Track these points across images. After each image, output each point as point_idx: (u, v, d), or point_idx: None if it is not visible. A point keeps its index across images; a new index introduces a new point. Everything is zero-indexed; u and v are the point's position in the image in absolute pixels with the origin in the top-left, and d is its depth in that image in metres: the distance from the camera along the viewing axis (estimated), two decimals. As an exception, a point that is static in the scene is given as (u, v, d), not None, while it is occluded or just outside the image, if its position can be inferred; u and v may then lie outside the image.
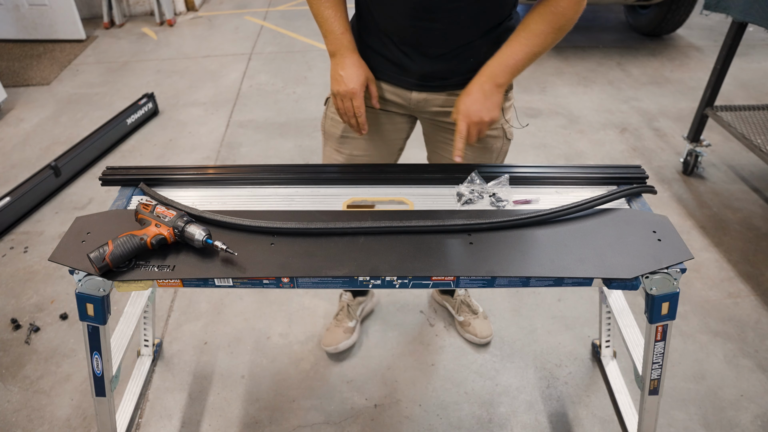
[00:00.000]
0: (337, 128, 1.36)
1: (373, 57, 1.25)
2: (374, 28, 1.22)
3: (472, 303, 1.88)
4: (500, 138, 1.33)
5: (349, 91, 1.19)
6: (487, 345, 1.83)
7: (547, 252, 1.02)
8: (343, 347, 1.78)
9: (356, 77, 1.19)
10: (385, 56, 1.23)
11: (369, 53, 1.25)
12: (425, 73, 1.22)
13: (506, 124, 1.32)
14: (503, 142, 1.35)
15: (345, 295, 1.86)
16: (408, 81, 1.25)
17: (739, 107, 2.55)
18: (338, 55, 1.20)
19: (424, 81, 1.24)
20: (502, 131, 1.32)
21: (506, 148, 1.38)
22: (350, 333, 1.81)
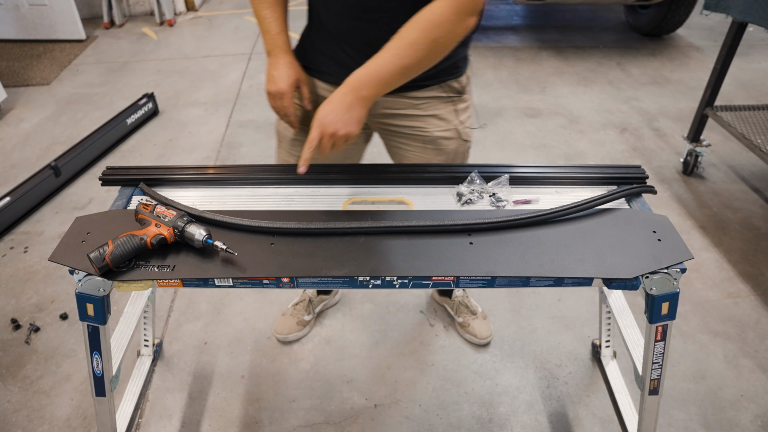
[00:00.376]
0: (289, 131, 1.36)
1: (321, 59, 1.25)
2: (321, 29, 1.22)
3: (470, 304, 1.88)
4: (454, 139, 1.31)
5: (278, 90, 1.19)
6: (487, 345, 1.83)
7: (547, 252, 1.02)
8: (292, 338, 1.83)
9: (286, 77, 1.19)
10: (332, 58, 1.23)
11: (317, 55, 1.25)
12: None
13: (461, 125, 1.31)
14: (458, 144, 1.32)
15: (309, 289, 1.87)
16: None
17: (739, 107, 2.55)
18: (273, 55, 1.21)
19: None
20: (456, 132, 1.31)
21: (463, 149, 1.35)
22: (303, 326, 1.85)
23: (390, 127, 1.32)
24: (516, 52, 4.19)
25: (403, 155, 1.36)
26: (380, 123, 1.33)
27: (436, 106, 1.27)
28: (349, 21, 1.14)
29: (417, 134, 1.29)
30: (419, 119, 1.27)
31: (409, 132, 1.30)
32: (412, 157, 1.35)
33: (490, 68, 3.92)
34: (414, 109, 1.26)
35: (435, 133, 1.29)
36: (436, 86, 1.24)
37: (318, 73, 1.28)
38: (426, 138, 1.29)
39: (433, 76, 1.22)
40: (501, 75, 3.82)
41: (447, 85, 1.25)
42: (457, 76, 1.26)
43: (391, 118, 1.29)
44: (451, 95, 1.27)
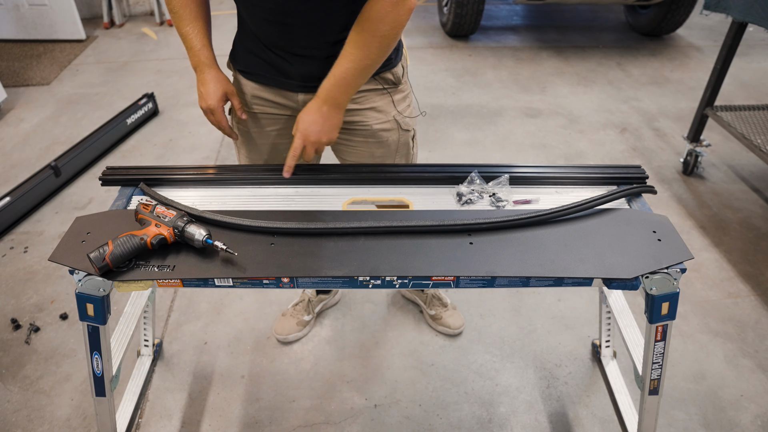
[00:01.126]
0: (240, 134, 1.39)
1: (255, 62, 1.27)
2: (250, 33, 1.23)
3: (442, 296, 1.91)
4: (394, 130, 1.33)
5: (209, 107, 1.22)
6: (459, 335, 1.85)
7: (547, 252, 1.02)
8: (292, 339, 1.84)
9: (214, 93, 1.21)
10: (265, 60, 1.24)
11: (251, 59, 1.27)
12: (305, 75, 1.23)
13: (399, 115, 1.33)
14: (399, 134, 1.35)
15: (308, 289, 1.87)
16: (290, 83, 1.26)
17: (739, 107, 2.55)
18: (198, 71, 1.23)
19: (306, 82, 1.24)
20: (394, 123, 1.33)
21: (405, 139, 1.37)
22: (303, 326, 1.85)
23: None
24: (516, 52, 4.19)
25: (346, 151, 1.38)
26: None
27: (373, 99, 1.29)
28: (272, 25, 1.16)
29: (357, 128, 1.32)
30: (358, 113, 1.29)
31: (349, 127, 1.32)
32: (354, 152, 1.36)
33: (490, 68, 3.93)
34: (352, 104, 1.28)
35: (375, 126, 1.31)
36: (371, 79, 1.26)
37: (253, 76, 1.30)
38: (366, 131, 1.32)
39: None
40: (501, 75, 3.83)
41: (381, 78, 1.28)
42: (390, 67, 1.28)
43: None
44: (386, 87, 1.30)
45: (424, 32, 4.63)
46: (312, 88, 1.24)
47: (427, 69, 3.93)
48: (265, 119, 1.35)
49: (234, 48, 1.33)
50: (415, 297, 1.95)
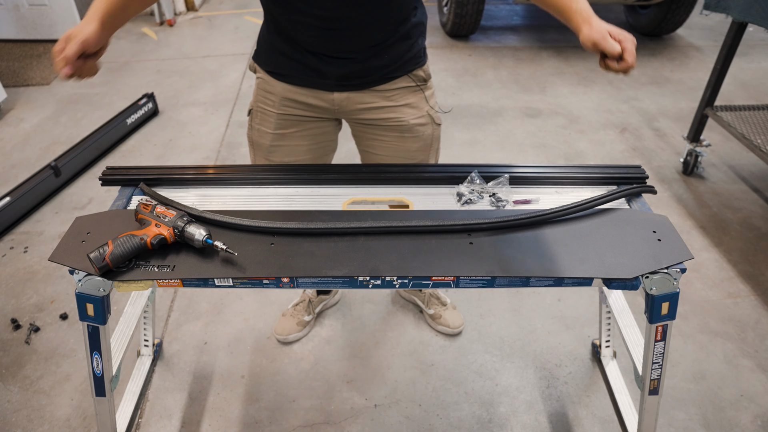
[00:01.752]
0: (265, 138, 1.37)
1: (287, 63, 1.25)
2: (285, 36, 1.21)
3: (440, 295, 1.90)
4: (429, 125, 1.36)
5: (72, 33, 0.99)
6: (459, 335, 1.85)
7: (547, 252, 1.02)
8: (292, 339, 1.84)
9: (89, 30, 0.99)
10: (299, 62, 1.23)
11: (282, 60, 1.25)
12: (343, 75, 1.23)
13: (431, 110, 1.36)
14: (433, 128, 1.38)
15: (309, 289, 1.87)
16: (327, 83, 1.26)
17: (739, 107, 2.55)
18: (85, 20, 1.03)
19: (343, 81, 1.24)
20: (429, 117, 1.36)
21: (437, 133, 1.41)
22: (303, 327, 1.85)
23: (366, 122, 1.34)
24: (516, 52, 4.19)
25: (380, 146, 1.38)
26: (356, 119, 1.35)
27: (407, 96, 1.31)
28: (315, 30, 1.15)
29: (394, 124, 1.32)
30: (394, 110, 1.31)
31: (386, 123, 1.32)
32: (389, 147, 1.37)
33: (490, 68, 3.93)
34: (387, 101, 1.29)
35: (411, 121, 1.33)
36: (404, 77, 1.29)
37: (286, 77, 1.28)
38: (403, 127, 1.33)
39: (401, 68, 1.27)
40: (501, 75, 3.83)
41: (413, 75, 1.30)
42: (421, 65, 1.31)
43: (366, 113, 1.31)
44: (418, 84, 1.32)
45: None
46: (348, 86, 1.26)
47: (427, 69, 3.93)
48: (292, 120, 1.34)
49: (260, 49, 1.31)
50: (413, 297, 1.95)
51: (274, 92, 1.31)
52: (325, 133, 1.40)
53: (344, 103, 1.29)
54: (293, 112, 1.33)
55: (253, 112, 1.39)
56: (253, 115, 1.39)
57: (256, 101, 1.37)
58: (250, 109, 1.40)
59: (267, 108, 1.34)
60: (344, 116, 1.36)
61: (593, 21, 1.09)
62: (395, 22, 1.18)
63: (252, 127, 1.41)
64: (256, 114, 1.38)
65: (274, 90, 1.31)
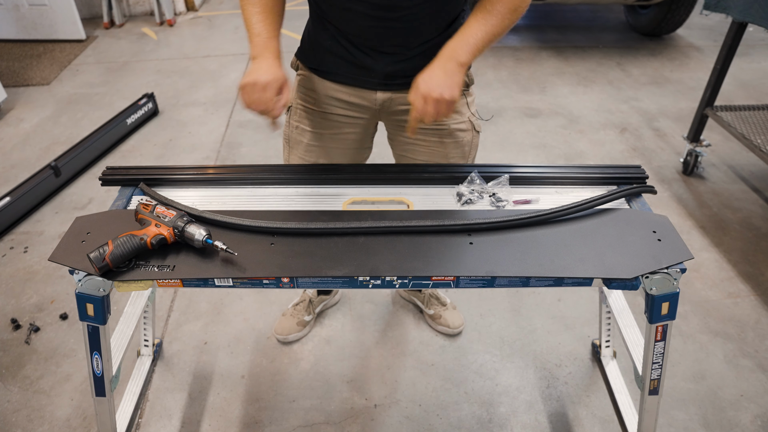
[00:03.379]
0: (304, 136, 1.36)
1: (332, 60, 1.24)
2: (332, 30, 1.19)
3: (440, 295, 1.90)
4: (469, 131, 1.35)
5: (266, 81, 1.08)
6: (459, 335, 1.85)
7: (547, 252, 1.02)
8: (292, 339, 1.84)
9: (274, 73, 1.10)
10: (344, 58, 1.22)
11: (327, 57, 1.24)
12: (389, 73, 1.21)
13: (473, 117, 1.35)
14: (473, 135, 1.37)
15: (309, 289, 1.86)
16: (371, 81, 1.24)
17: (739, 107, 2.55)
18: (260, 58, 1.13)
19: (388, 80, 1.23)
20: (470, 124, 1.34)
21: (476, 141, 1.39)
22: (303, 326, 1.85)
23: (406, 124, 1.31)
24: (516, 52, 4.19)
25: (418, 151, 1.36)
26: (397, 120, 1.33)
27: None
28: (369, 22, 1.12)
29: (435, 128, 1.30)
30: None
31: (427, 127, 1.30)
32: (429, 152, 1.34)
33: (490, 68, 3.92)
34: None
35: (452, 126, 1.31)
36: None
37: (329, 74, 1.27)
38: (444, 131, 1.31)
39: None
40: (501, 75, 3.82)
41: None
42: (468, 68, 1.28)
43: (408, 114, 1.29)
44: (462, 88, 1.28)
45: (424, 32, 4.62)
46: (392, 86, 1.24)
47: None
48: (336, 120, 1.32)
49: (304, 45, 1.30)
50: (413, 297, 1.95)
51: (316, 89, 1.29)
52: (362, 137, 1.38)
53: (387, 104, 1.27)
54: (335, 111, 1.30)
55: (293, 109, 1.36)
56: (291, 112, 1.37)
57: (296, 98, 1.35)
58: (290, 107, 1.36)
59: (308, 105, 1.32)
60: (385, 117, 1.34)
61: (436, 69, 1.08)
62: (446, 20, 1.17)
63: (290, 124, 1.38)
64: (295, 111, 1.36)
65: (316, 87, 1.29)
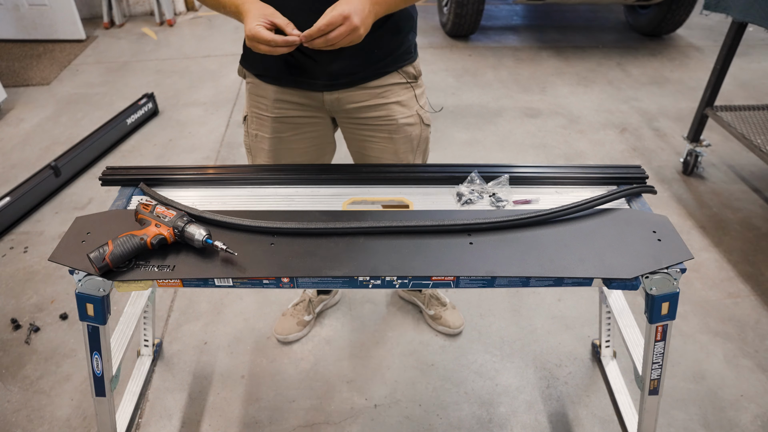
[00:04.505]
0: (263, 143, 1.35)
1: (274, 65, 1.23)
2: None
3: (440, 296, 1.90)
4: (418, 125, 1.35)
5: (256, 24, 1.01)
6: (459, 335, 1.85)
7: (547, 252, 1.02)
8: (292, 339, 1.84)
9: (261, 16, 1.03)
10: (286, 62, 1.21)
11: (269, 61, 1.20)
12: (332, 72, 1.21)
13: (421, 110, 1.35)
14: (422, 129, 1.37)
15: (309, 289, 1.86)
16: (316, 83, 1.24)
17: (739, 107, 2.55)
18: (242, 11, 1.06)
19: (332, 80, 1.23)
20: (418, 117, 1.35)
21: (426, 134, 1.40)
22: (303, 326, 1.85)
23: (357, 121, 1.33)
24: (516, 52, 4.19)
25: (370, 147, 1.37)
26: (347, 119, 1.34)
27: (398, 93, 1.30)
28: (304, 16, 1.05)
29: (383, 123, 1.31)
30: (384, 108, 1.29)
31: (376, 123, 1.31)
32: (379, 148, 1.36)
33: (490, 68, 3.92)
34: (378, 98, 1.28)
35: (400, 121, 1.31)
36: (395, 72, 1.28)
37: (273, 79, 1.27)
38: (392, 126, 1.32)
39: (391, 63, 1.26)
40: (501, 75, 3.82)
41: (404, 71, 1.29)
42: (412, 61, 1.30)
43: (357, 112, 1.30)
44: (409, 80, 1.31)
45: (424, 32, 4.63)
46: (337, 85, 1.24)
47: (427, 69, 3.93)
48: (291, 122, 1.32)
49: (246, 52, 1.29)
50: (413, 298, 1.95)
51: (265, 96, 1.30)
52: (322, 135, 1.39)
53: (335, 104, 1.28)
54: (288, 114, 1.31)
55: (248, 117, 1.37)
56: (248, 121, 1.37)
57: (249, 106, 1.35)
58: (245, 116, 1.37)
59: (261, 113, 1.33)
60: (336, 116, 1.35)
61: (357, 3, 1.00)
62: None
63: (248, 133, 1.39)
64: (251, 120, 1.36)
65: (265, 93, 1.29)
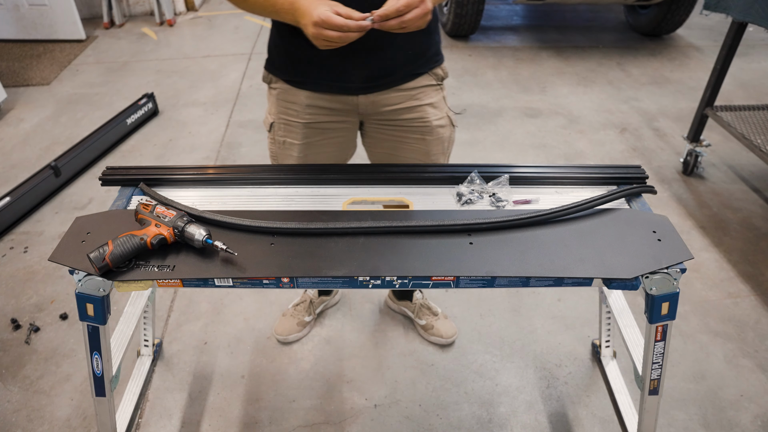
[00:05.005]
0: (293, 150, 1.33)
1: (307, 69, 1.21)
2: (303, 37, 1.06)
3: (431, 305, 1.87)
4: (448, 126, 1.37)
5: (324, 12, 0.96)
6: (452, 345, 1.82)
7: (547, 252, 1.02)
8: (293, 339, 1.83)
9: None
10: (321, 65, 1.19)
11: (302, 66, 1.21)
12: (368, 75, 1.20)
13: (450, 111, 1.37)
14: (451, 130, 1.39)
15: (311, 290, 1.85)
16: (351, 87, 1.22)
17: (739, 107, 2.55)
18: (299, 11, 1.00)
19: (368, 82, 1.22)
20: (447, 120, 1.36)
21: (453, 135, 1.41)
22: (303, 327, 1.85)
23: (390, 123, 1.32)
24: (516, 52, 4.19)
25: (402, 149, 1.36)
26: (379, 121, 1.33)
27: (430, 95, 1.30)
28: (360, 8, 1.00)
29: (418, 125, 1.31)
30: (419, 109, 1.30)
31: (410, 125, 1.31)
32: (412, 149, 1.35)
33: (490, 68, 3.92)
34: (412, 100, 1.28)
35: (434, 123, 1.32)
36: (426, 75, 1.28)
37: (307, 85, 1.24)
38: (425, 128, 1.32)
39: (424, 65, 1.26)
40: (501, 75, 3.82)
41: (434, 73, 1.30)
42: (440, 62, 1.31)
43: (392, 114, 1.30)
44: (439, 83, 1.32)
45: (424, 32, 4.62)
46: (373, 87, 1.23)
47: (427, 69, 3.93)
48: (322, 128, 1.30)
49: (273, 57, 1.27)
50: (403, 309, 1.91)
51: (296, 101, 1.27)
52: (349, 139, 1.38)
53: (369, 107, 1.27)
54: (319, 119, 1.28)
55: (275, 125, 1.33)
56: (275, 128, 1.33)
57: (277, 113, 1.31)
58: (272, 123, 1.34)
59: (291, 119, 1.29)
60: (368, 119, 1.32)
61: None
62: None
63: (275, 140, 1.35)
64: (279, 127, 1.32)
65: (296, 99, 1.26)
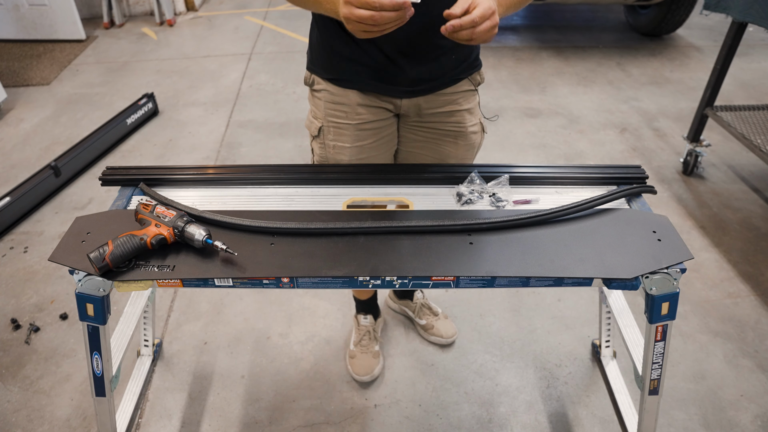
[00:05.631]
0: (344, 154, 1.28)
1: (353, 68, 1.18)
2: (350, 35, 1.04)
3: (432, 305, 1.86)
4: (480, 133, 1.36)
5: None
6: (452, 345, 1.82)
7: (547, 252, 1.02)
8: (378, 373, 1.73)
9: None
10: (368, 65, 1.17)
11: (348, 65, 1.18)
12: (414, 78, 1.18)
13: (483, 118, 1.36)
14: (482, 136, 1.38)
15: (364, 319, 1.80)
16: (396, 89, 1.21)
17: (739, 107, 2.55)
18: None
19: (413, 86, 1.20)
20: (480, 126, 1.35)
21: (482, 141, 1.40)
22: (378, 356, 1.76)
23: (428, 126, 1.29)
24: (516, 52, 4.19)
25: (433, 148, 1.33)
26: (418, 123, 1.29)
27: (468, 100, 1.29)
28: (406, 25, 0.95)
29: (453, 129, 1.30)
30: (457, 114, 1.28)
31: (445, 128, 1.29)
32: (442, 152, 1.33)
33: (490, 68, 3.92)
34: (453, 105, 1.27)
35: (469, 129, 1.31)
36: (466, 80, 1.27)
37: (352, 84, 1.21)
38: (460, 133, 1.31)
39: (465, 70, 1.25)
40: (501, 75, 3.82)
41: (472, 79, 1.29)
42: (479, 68, 1.30)
43: (432, 117, 1.28)
44: (476, 88, 1.31)
45: (424, 32, 4.62)
46: (417, 92, 1.21)
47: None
48: (372, 128, 1.27)
49: (316, 57, 1.24)
50: (404, 308, 1.91)
51: (347, 102, 1.23)
52: (393, 140, 1.34)
53: (413, 109, 1.25)
54: (370, 119, 1.25)
55: (324, 128, 1.28)
56: (324, 132, 1.28)
57: (325, 116, 1.26)
58: (320, 127, 1.28)
59: (341, 121, 1.25)
60: (406, 120, 1.30)
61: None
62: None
63: (326, 145, 1.29)
64: (328, 130, 1.27)
65: (346, 100, 1.22)
